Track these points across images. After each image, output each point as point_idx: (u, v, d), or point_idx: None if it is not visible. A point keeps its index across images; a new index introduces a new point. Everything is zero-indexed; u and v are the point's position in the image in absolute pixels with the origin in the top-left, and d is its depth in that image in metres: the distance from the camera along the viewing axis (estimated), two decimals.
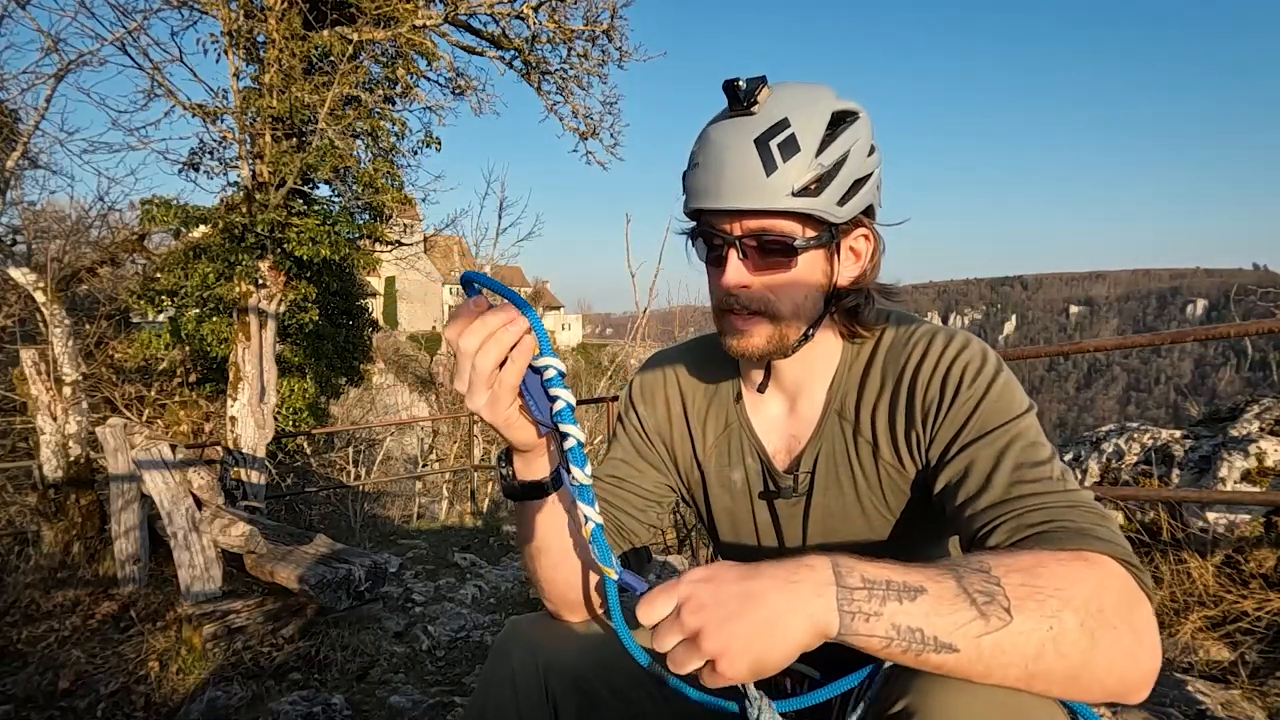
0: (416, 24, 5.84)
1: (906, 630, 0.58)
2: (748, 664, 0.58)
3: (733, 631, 0.58)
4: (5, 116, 4.49)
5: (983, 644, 0.58)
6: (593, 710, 0.90)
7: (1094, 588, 0.61)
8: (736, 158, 0.79)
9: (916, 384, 0.86)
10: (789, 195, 0.79)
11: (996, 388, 0.81)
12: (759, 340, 0.86)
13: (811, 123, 0.80)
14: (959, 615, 0.58)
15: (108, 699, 2.40)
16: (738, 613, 0.58)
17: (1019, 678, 0.59)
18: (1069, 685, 0.60)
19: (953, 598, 0.59)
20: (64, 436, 4.05)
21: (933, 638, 0.58)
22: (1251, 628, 2.05)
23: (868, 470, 0.90)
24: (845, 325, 0.91)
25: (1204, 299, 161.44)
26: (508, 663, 0.90)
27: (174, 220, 5.42)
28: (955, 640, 0.58)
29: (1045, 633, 0.59)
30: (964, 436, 0.80)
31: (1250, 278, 65.92)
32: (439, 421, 15.55)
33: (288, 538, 3.15)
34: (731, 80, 0.80)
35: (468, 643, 3.06)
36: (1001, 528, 0.72)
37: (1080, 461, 2.89)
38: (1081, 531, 0.68)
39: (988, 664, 0.58)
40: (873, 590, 0.59)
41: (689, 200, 0.85)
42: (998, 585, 0.60)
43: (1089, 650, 0.59)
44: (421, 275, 14.57)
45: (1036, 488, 0.74)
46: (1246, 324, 2.37)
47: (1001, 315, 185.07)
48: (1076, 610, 0.60)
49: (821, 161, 0.80)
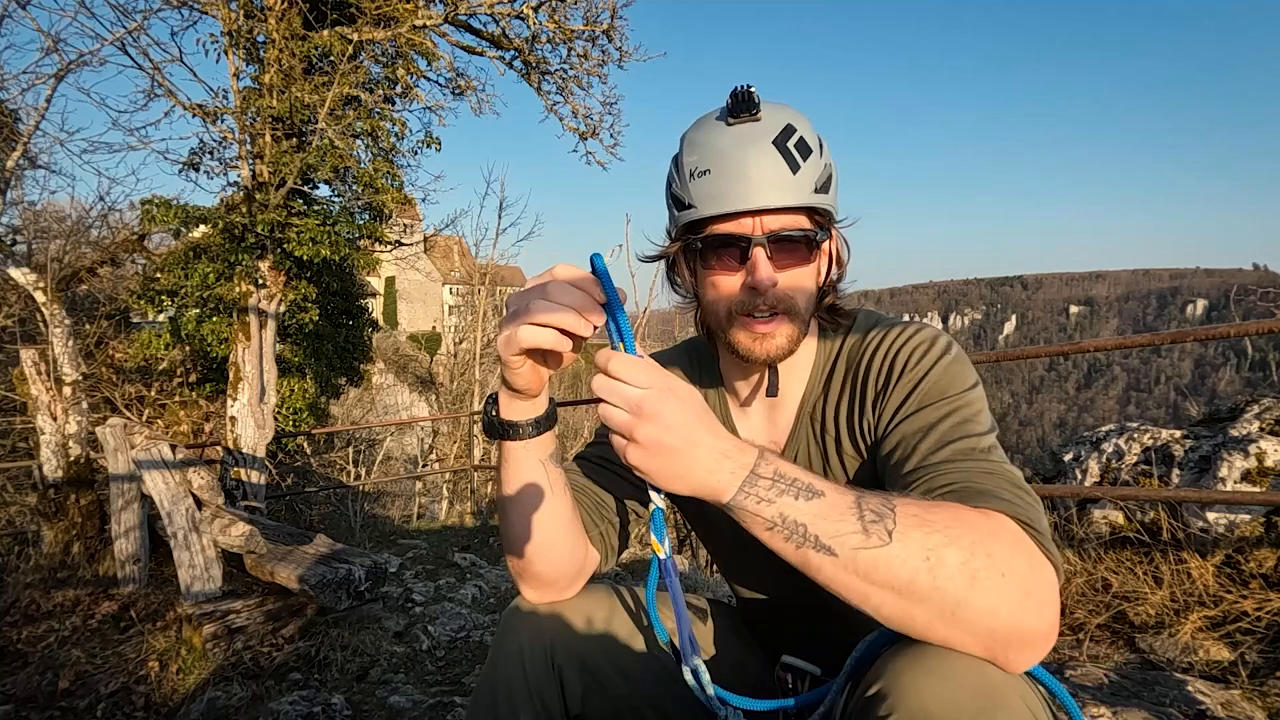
0: (416, 24, 5.83)
1: (791, 522, 0.65)
2: (651, 472, 0.68)
3: (659, 446, 0.67)
4: (5, 116, 4.49)
5: (859, 556, 0.62)
6: (598, 687, 0.92)
7: (984, 534, 0.63)
8: (760, 159, 0.82)
9: (869, 373, 0.89)
10: (813, 192, 0.84)
11: (940, 367, 0.84)
12: (782, 340, 0.87)
13: (808, 128, 0.85)
14: (843, 525, 0.64)
15: (108, 699, 2.40)
16: (673, 443, 0.66)
17: (892, 602, 0.62)
18: (945, 621, 0.61)
19: (844, 509, 0.64)
20: (64, 436, 4.05)
21: (814, 536, 0.64)
22: (1251, 628, 2.05)
23: (834, 466, 0.93)
24: (824, 320, 0.95)
25: (1204, 299, 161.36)
26: (516, 639, 0.92)
27: (174, 220, 5.41)
28: (833, 545, 0.63)
29: (920, 561, 0.61)
30: (903, 411, 0.83)
31: (1250, 278, 65.94)
32: (439, 421, 15.56)
33: (288, 538, 3.15)
34: (740, 88, 0.83)
35: (468, 643, 3.06)
36: (917, 488, 0.74)
37: (1080, 461, 2.89)
38: (988, 493, 0.69)
39: (861, 578, 0.63)
40: (776, 483, 0.66)
41: (701, 208, 0.85)
42: (890, 512, 0.64)
43: (967, 589, 0.61)
44: (421, 275, 14.58)
45: (958, 456, 0.75)
46: (1246, 324, 2.37)
47: (1001, 315, 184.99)
48: (961, 549, 0.62)
49: (825, 161, 0.86)
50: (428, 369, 27.10)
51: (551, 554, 0.91)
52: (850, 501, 0.65)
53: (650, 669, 0.94)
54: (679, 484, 0.68)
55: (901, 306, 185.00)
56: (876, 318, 0.95)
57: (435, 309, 42.17)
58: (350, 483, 10.42)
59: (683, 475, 0.67)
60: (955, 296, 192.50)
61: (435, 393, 21.58)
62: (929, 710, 0.59)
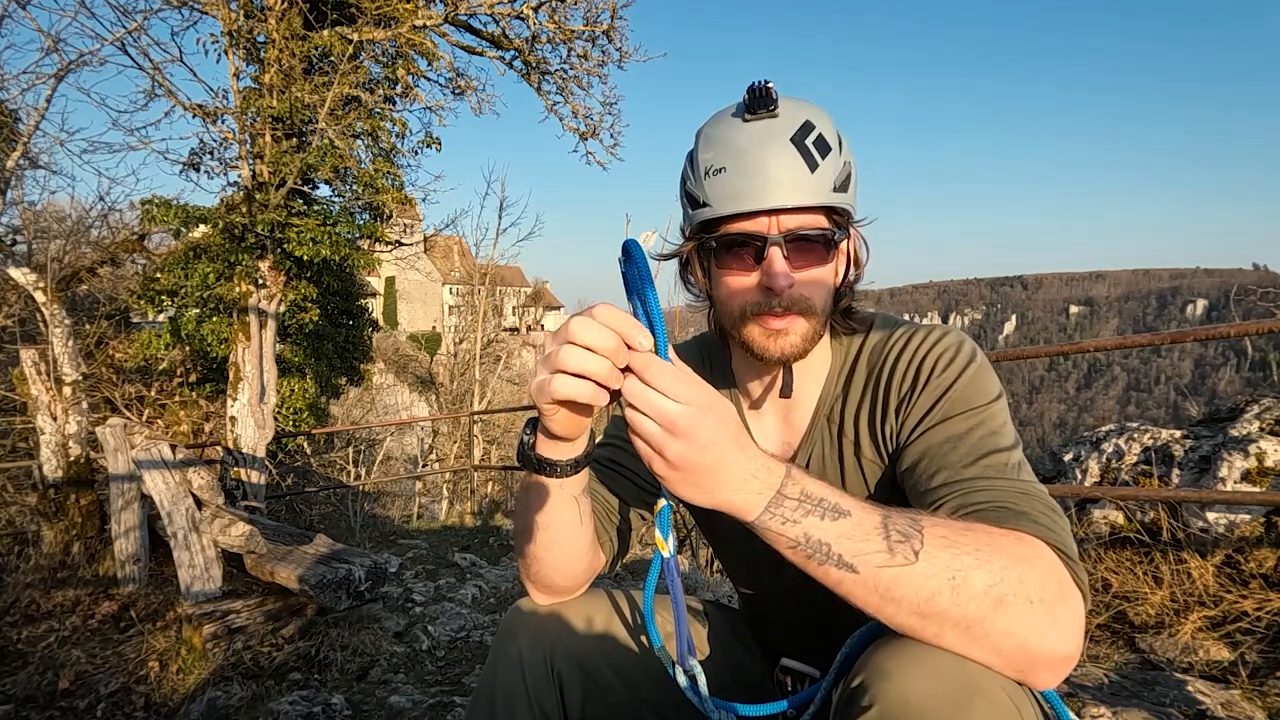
0: (416, 24, 5.83)
1: (815, 542, 0.65)
2: (675, 485, 0.66)
3: (688, 463, 0.64)
4: (5, 116, 4.49)
5: (881, 574, 0.63)
6: (598, 691, 0.92)
7: (1016, 559, 0.63)
8: (778, 157, 0.80)
9: (893, 377, 0.87)
10: (831, 191, 0.82)
11: (966, 375, 0.82)
12: (797, 339, 0.85)
13: (828, 124, 0.83)
14: (867, 544, 0.63)
15: (108, 699, 2.40)
16: (703, 462, 0.64)
17: (910, 614, 0.63)
18: (960, 636, 0.62)
19: (870, 529, 0.64)
20: (64, 436, 4.05)
21: (837, 555, 0.64)
22: (1251, 628, 2.04)
23: (851, 469, 0.92)
24: (840, 323, 0.93)
25: (1204, 299, 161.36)
26: (515, 643, 0.92)
27: (174, 220, 5.41)
28: (856, 563, 0.63)
29: (944, 582, 0.61)
30: (928, 420, 0.82)
31: (1250, 278, 65.91)
32: (439, 421, 15.56)
33: (288, 538, 3.15)
34: (763, 83, 0.81)
35: (468, 643, 3.06)
36: (947, 504, 0.74)
37: (1080, 461, 2.89)
38: (1023, 514, 0.69)
39: (881, 594, 0.63)
40: (802, 503, 0.65)
41: (717, 206, 0.83)
42: (918, 532, 0.64)
43: (989, 611, 0.61)
44: (421, 275, 14.59)
45: (989, 472, 0.74)
46: (1246, 324, 2.37)
47: (1001, 315, 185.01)
48: (989, 573, 0.62)
49: (845, 158, 0.84)
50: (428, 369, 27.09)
51: (570, 570, 0.91)
52: (877, 521, 0.64)
53: (649, 673, 0.94)
54: (703, 499, 0.67)
55: (901, 306, 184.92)
56: (895, 319, 0.94)
57: (435, 309, 42.19)
58: (350, 483, 10.42)
59: (708, 492, 0.66)
60: (955, 296, 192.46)
61: (435, 393, 21.57)
62: (909, 701, 0.59)
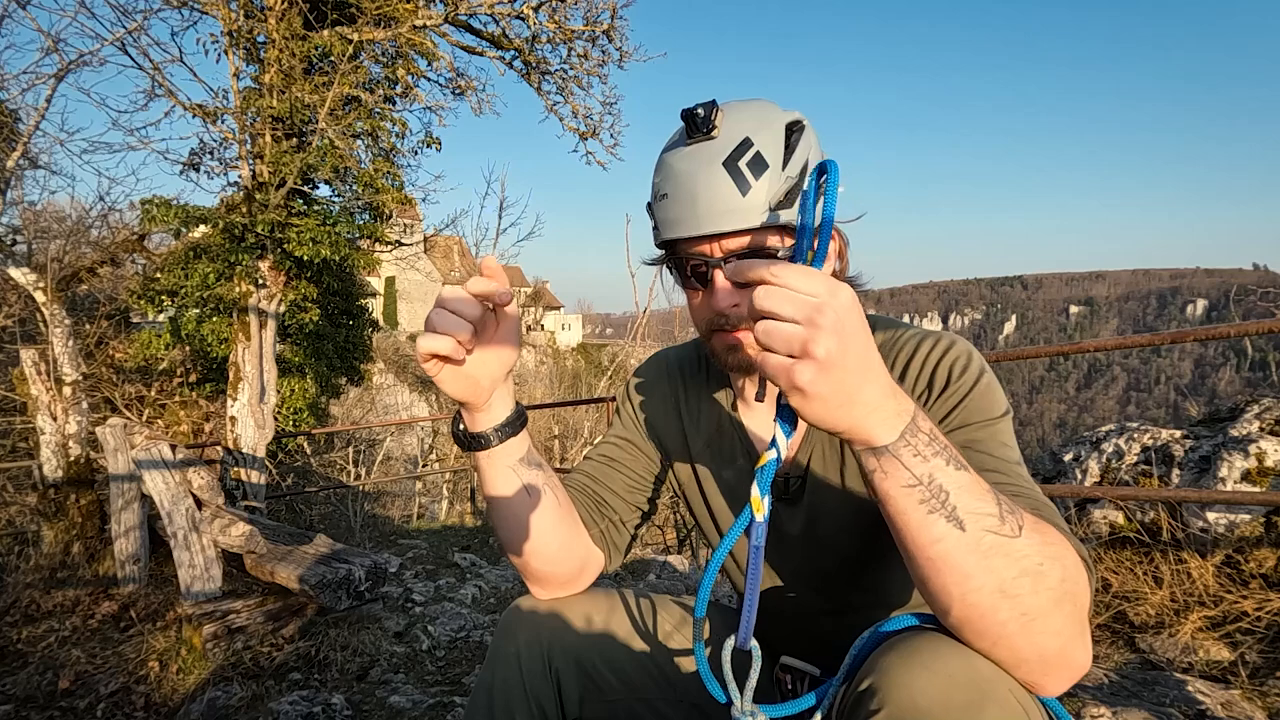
0: (416, 24, 5.83)
1: (936, 486, 0.60)
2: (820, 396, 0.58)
3: (837, 366, 0.57)
4: (5, 116, 4.49)
5: (985, 539, 0.60)
6: (595, 690, 0.93)
7: (1072, 563, 0.63)
8: (709, 183, 0.80)
9: (903, 381, 0.87)
10: (766, 211, 0.80)
11: (980, 386, 0.83)
12: (753, 352, 0.86)
13: (772, 138, 0.81)
14: (984, 505, 0.61)
15: (108, 699, 2.40)
16: (853, 364, 0.58)
17: (993, 590, 0.59)
18: (1020, 625, 0.60)
19: (986, 490, 0.62)
20: (64, 436, 4.05)
21: (952, 506, 0.60)
22: (1251, 628, 2.04)
23: (851, 470, 0.92)
24: None
25: (1204, 299, 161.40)
26: (514, 641, 0.93)
27: (174, 220, 5.41)
28: (966, 521, 0.60)
29: (1034, 564, 0.60)
30: (943, 427, 0.81)
31: (1250, 278, 65.86)
32: (439, 421, 15.55)
33: (288, 538, 3.15)
34: (690, 109, 0.81)
35: (468, 643, 3.06)
36: None
37: (1080, 461, 2.89)
38: (1055, 526, 0.69)
39: (979, 558, 0.59)
40: (933, 440, 0.62)
41: (663, 231, 0.86)
42: (1019, 511, 0.62)
43: (1053, 607, 0.60)
44: (421, 275, 14.59)
45: (1007, 479, 0.75)
46: (1246, 324, 2.37)
47: (1001, 315, 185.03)
48: (1061, 568, 0.61)
49: (789, 174, 0.81)
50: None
51: (544, 552, 0.92)
52: (989, 486, 0.63)
53: (648, 671, 0.94)
54: (839, 414, 0.59)
55: (901, 306, 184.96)
56: (895, 322, 0.94)
57: None
58: (350, 483, 10.42)
59: (847, 405, 0.59)
60: (955, 296, 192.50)
61: (435, 393, 21.57)
62: (919, 704, 0.59)
